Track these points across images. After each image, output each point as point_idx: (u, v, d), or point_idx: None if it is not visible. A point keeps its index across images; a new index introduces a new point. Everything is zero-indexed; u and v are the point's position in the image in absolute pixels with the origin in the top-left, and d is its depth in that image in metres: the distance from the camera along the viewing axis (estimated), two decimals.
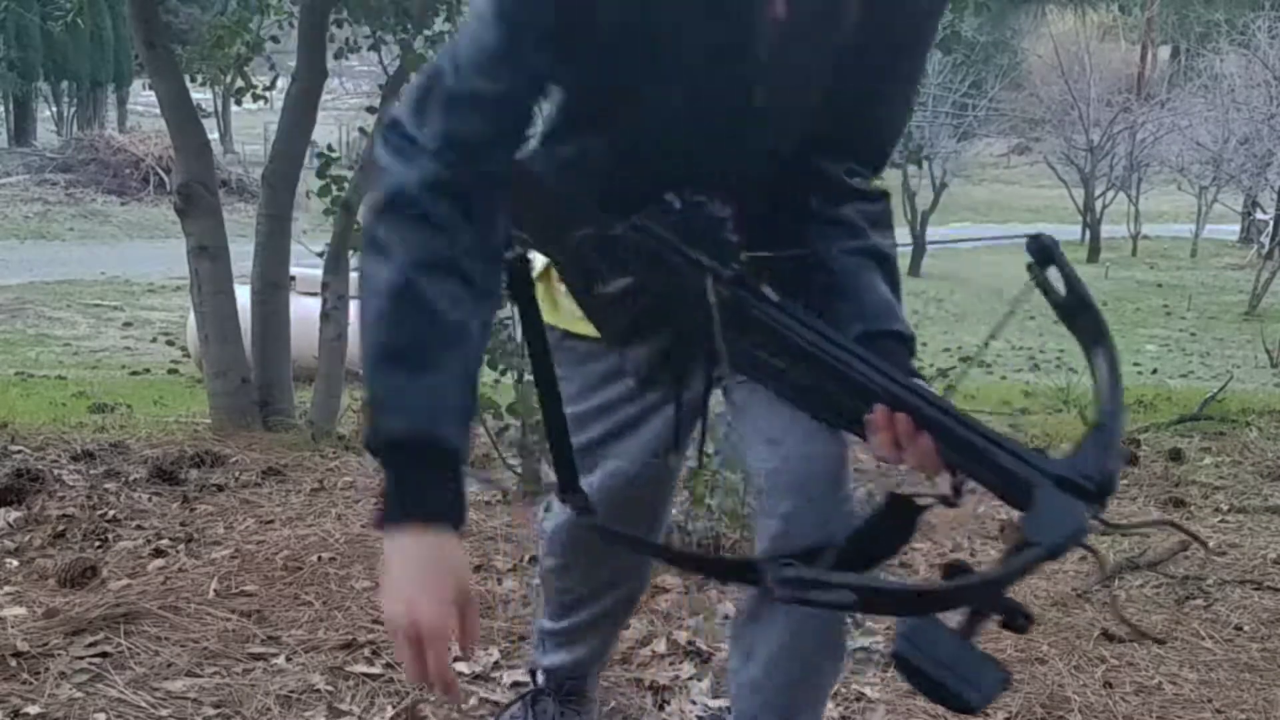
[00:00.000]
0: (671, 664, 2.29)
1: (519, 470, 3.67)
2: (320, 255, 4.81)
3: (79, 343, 12.01)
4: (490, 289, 1.25)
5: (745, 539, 2.91)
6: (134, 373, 9.84)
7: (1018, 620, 1.10)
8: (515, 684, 2.18)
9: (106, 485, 3.52)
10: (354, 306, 5.09)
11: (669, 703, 2.14)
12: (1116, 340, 1.22)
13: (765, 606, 1.60)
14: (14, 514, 3.13)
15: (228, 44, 5.19)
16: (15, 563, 2.79)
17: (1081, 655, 2.45)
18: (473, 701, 2.13)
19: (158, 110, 5.07)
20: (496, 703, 2.11)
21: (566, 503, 1.42)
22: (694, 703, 2.14)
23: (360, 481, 3.75)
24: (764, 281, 1.27)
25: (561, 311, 1.59)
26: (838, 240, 1.38)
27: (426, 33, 4.73)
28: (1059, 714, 2.17)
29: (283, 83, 5.29)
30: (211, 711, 2.03)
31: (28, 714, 1.98)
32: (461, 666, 2.23)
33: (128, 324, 13.23)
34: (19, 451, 3.88)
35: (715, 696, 2.16)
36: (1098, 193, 26.02)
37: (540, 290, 1.53)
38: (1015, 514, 1.13)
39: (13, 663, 2.15)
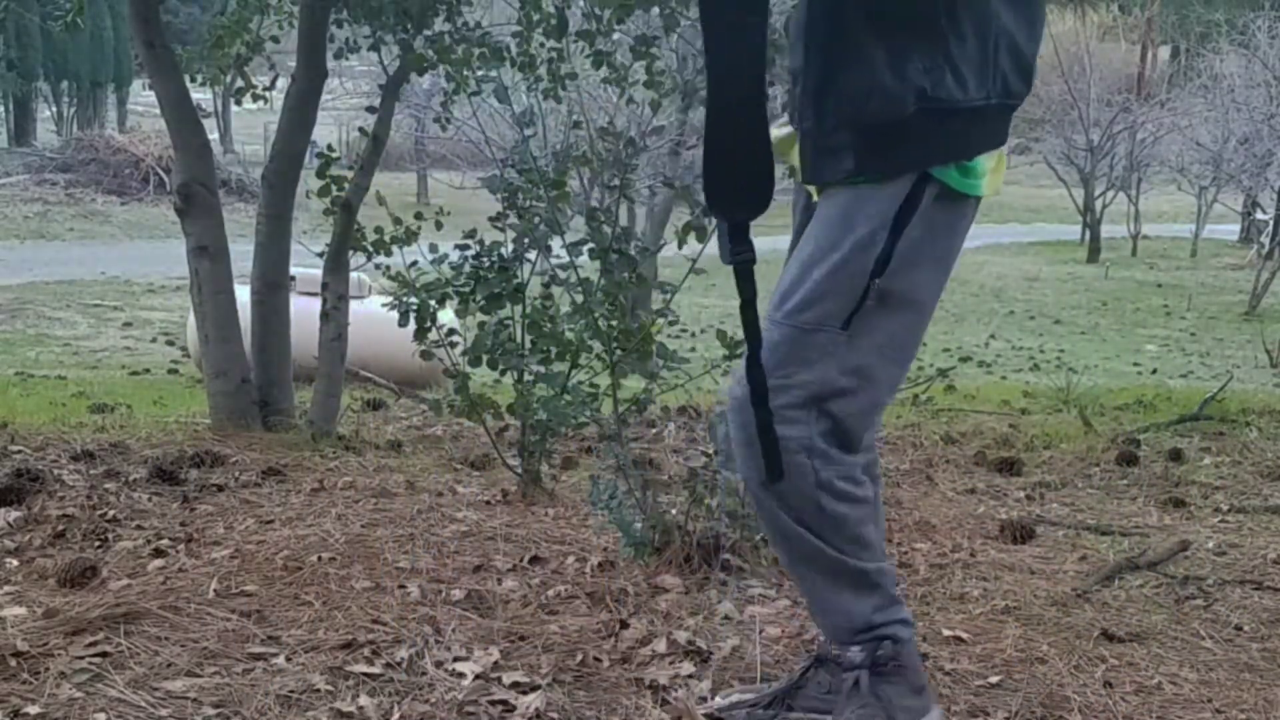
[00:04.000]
0: (671, 664, 2.29)
1: (519, 470, 3.67)
2: (320, 255, 4.81)
3: (79, 343, 12.02)
4: None
5: (745, 539, 2.92)
6: (134, 373, 9.85)
7: None
8: (515, 684, 2.18)
9: (106, 485, 3.53)
10: (354, 306, 5.11)
11: (669, 703, 2.14)
12: (1116, 340, 1.25)
13: None
14: (14, 514, 3.13)
15: (228, 44, 5.19)
16: (15, 563, 2.79)
17: (1081, 655, 2.44)
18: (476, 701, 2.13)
19: (158, 110, 5.07)
20: (499, 702, 2.11)
21: None
22: (700, 701, 2.14)
23: (360, 481, 3.76)
24: None
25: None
26: None
27: (426, 33, 4.73)
28: (1059, 714, 2.16)
29: (283, 83, 5.29)
30: (211, 711, 2.03)
31: (28, 714, 1.98)
32: (462, 667, 2.23)
33: (128, 324, 13.25)
34: (19, 451, 3.88)
35: (715, 695, 2.16)
36: (1098, 193, 26.04)
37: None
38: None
39: (13, 663, 2.14)
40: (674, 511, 3.01)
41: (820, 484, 1.83)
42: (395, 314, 3.53)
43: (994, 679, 2.28)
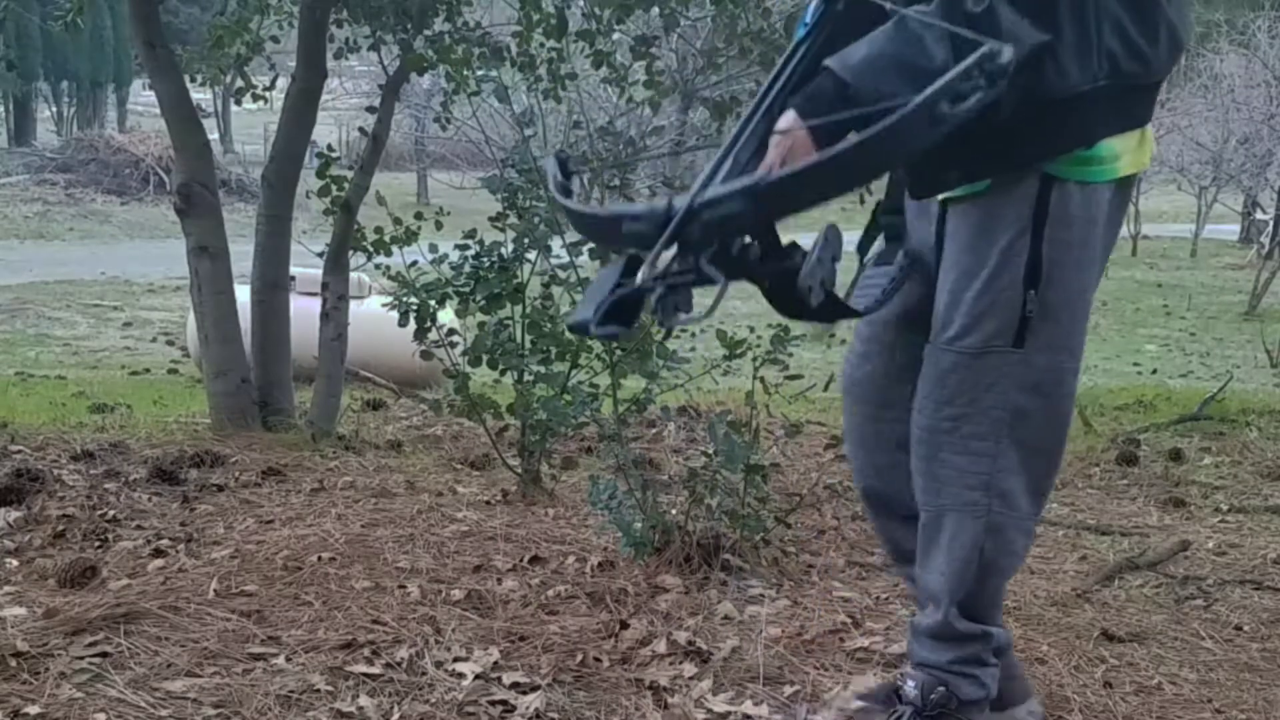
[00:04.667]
0: (671, 664, 2.29)
1: (519, 470, 3.67)
2: (320, 255, 4.81)
3: (79, 343, 12.01)
4: None
5: (745, 539, 2.92)
6: (134, 373, 9.83)
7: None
8: (515, 684, 2.18)
9: (106, 485, 3.52)
10: (354, 306, 5.10)
11: (669, 703, 2.14)
12: (1116, 340, 1.24)
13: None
14: (14, 514, 3.13)
15: (228, 44, 5.19)
16: (15, 563, 2.79)
17: (1081, 655, 2.44)
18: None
19: (158, 110, 5.07)
20: (499, 702, 2.11)
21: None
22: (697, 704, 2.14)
23: (360, 481, 3.75)
24: None
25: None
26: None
27: (426, 33, 4.73)
28: (1059, 714, 2.16)
29: (283, 83, 5.29)
30: (211, 711, 2.03)
31: (28, 714, 1.98)
32: (462, 667, 2.23)
33: (128, 324, 13.23)
34: (19, 451, 3.88)
35: (715, 695, 2.16)
36: None
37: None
38: None
39: (13, 663, 2.15)
40: (674, 511, 3.01)
41: (991, 527, 1.75)
42: (395, 314, 3.53)
43: None
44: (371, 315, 5.90)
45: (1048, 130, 1.66)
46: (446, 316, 3.60)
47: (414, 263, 3.60)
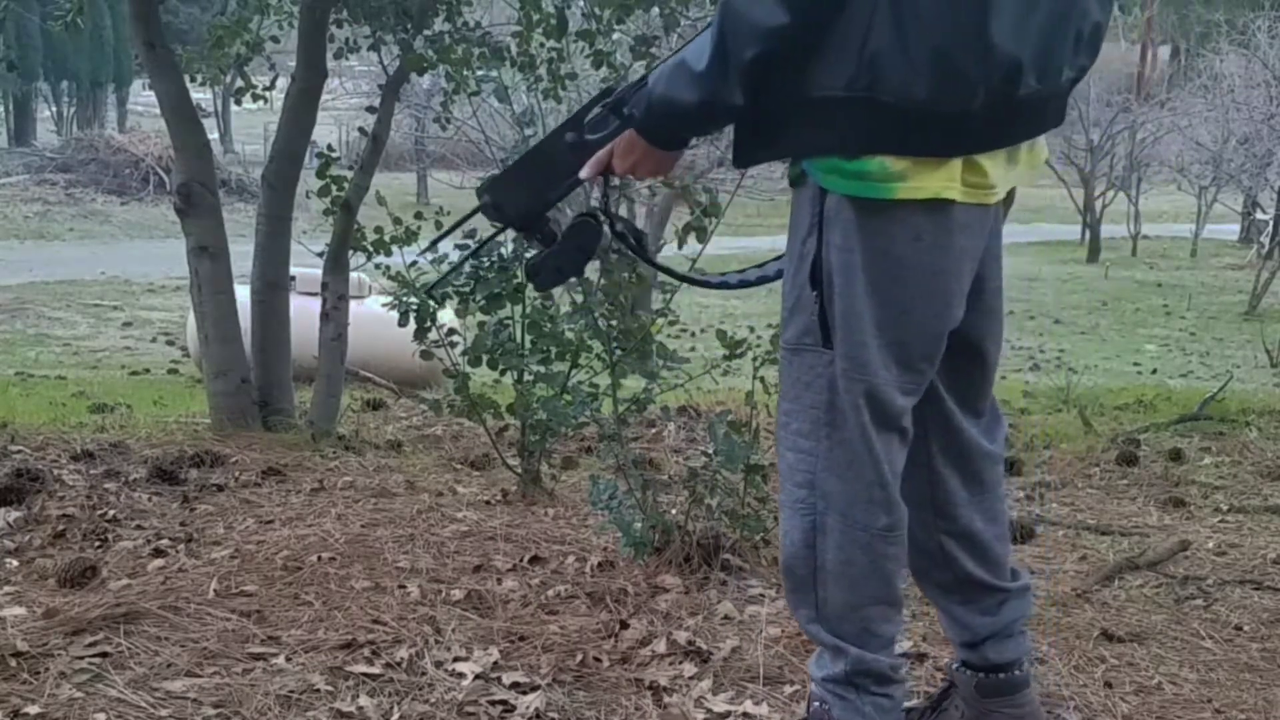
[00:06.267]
0: (671, 664, 2.29)
1: (519, 470, 3.67)
2: (320, 255, 4.81)
3: (79, 343, 12.01)
4: None
5: (745, 539, 2.92)
6: (134, 373, 9.84)
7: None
8: (515, 684, 2.18)
9: (106, 485, 3.53)
10: (354, 306, 5.10)
11: (669, 703, 2.14)
12: (1116, 340, 1.23)
13: None
14: (14, 514, 3.13)
15: (228, 44, 5.18)
16: (15, 563, 2.79)
17: (1081, 655, 2.44)
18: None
19: (158, 110, 5.07)
20: (499, 702, 2.11)
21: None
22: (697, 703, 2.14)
23: (360, 481, 3.76)
24: None
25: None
26: None
27: (426, 33, 4.73)
28: (1059, 714, 2.16)
29: (283, 83, 5.29)
30: (211, 711, 2.03)
31: (28, 714, 1.98)
32: (462, 667, 2.23)
33: (128, 324, 13.24)
34: (19, 451, 3.88)
35: (715, 695, 2.16)
36: (1098, 193, 26.03)
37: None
38: None
39: (13, 663, 2.15)
40: (674, 511, 3.01)
41: (819, 528, 1.70)
42: (395, 314, 3.53)
43: None
44: (371, 315, 5.90)
45: (806, 126, 1.60)
46: (446, 316, 3.60)
47: (414, 263, 3.60)
